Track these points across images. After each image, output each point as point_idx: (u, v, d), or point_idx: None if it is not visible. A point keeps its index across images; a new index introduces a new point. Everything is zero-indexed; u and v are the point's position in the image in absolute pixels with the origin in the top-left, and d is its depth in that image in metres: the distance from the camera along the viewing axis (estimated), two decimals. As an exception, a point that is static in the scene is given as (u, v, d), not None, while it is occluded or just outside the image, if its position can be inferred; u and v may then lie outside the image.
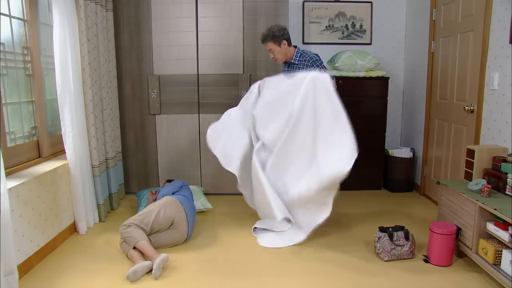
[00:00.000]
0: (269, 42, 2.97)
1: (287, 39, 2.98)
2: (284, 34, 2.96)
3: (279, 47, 2.97)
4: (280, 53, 3.00)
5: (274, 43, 2.96)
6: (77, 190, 2.99)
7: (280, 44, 2.96)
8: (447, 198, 2.74)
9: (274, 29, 2.94)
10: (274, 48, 2.98)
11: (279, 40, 2.94)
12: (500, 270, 2.20)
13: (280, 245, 2.81)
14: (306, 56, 2.99)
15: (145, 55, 3.81)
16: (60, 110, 2.86)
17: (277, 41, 2.95)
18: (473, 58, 3.14)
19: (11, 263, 2.10)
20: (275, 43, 2.96)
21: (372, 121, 4.11)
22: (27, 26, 2.72)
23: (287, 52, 3.01)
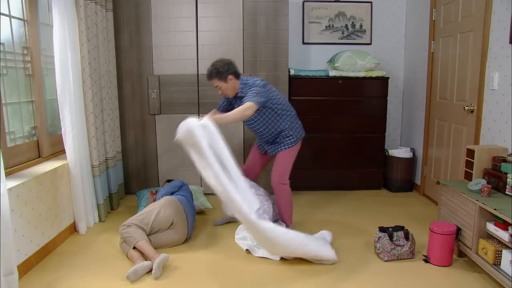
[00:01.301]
0: (214, 79, 2.78)
1: (234, 73, 2.78)
2: (229, 69, 2.76)
3: (225, 83, 2.78)
4: (228, 88, 2.81)
5: (220, 80, 2.77)
6: (77, 190, 2.99)
7: (226, 79, 2.77)
8: (447, 198, 2.74)
9: (218, 65, 2.76)
10: (221, 84, 2.79)
11: (225, 76, 2.75)
12: (500, 270, 2.20)
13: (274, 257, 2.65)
14: (246, 85, 2.81)
15: (145, 55, 3.81)
16: (60, 110, 2.86)
17: (222, 78, 2.76)
18: (473, 58, 3.14)
19: (11, 263, 2.09)
20: (220, 80, 2.77)
21: (372, 121, 4.11)
22: (27, 26, 2.72)
23: (236, 86, 2.82)
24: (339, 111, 4.07)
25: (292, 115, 2.94)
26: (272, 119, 2.86)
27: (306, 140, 4.10)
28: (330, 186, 4.22)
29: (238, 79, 2.82)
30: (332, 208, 3.69)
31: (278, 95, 2.88)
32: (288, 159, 2.95)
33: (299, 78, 4.00)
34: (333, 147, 4.13)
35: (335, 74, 4.02)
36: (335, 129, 4.10)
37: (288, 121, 2.89)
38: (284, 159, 2.94)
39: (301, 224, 3.27)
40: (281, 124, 2.88)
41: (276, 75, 3.87)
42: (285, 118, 2.88)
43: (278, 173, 2.94)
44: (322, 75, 4.02)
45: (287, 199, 3.01)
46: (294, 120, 2.94)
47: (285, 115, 2.89)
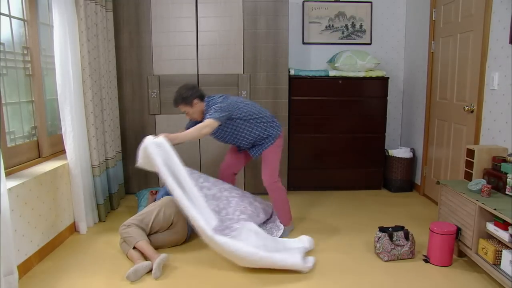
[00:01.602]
0: (180, 105, 2.83)
1: (198, 96, 2.83)
2: (194, 93, 2.80)
3: (192, 107, 2.82)
4: (195, 112, 2.85)
5: (186, 105, 2.82)
6: (77, 190, 2.99)
7: (192, 104, 2.81)
8: (447, 198, 2.74)
9: (182, 91, 2.80)
10: (188, 109, 2.84)
11: (190, 100, 2.80)
12: (500, 270, 2.20)
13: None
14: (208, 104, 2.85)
15: (145, 55, 3.81)
16: (61, 110, 2.86)
17: (188, 103, 2.80)
18: (473, 58, 3.14)
19: (11, 263, 2.09)
20: (187, 105, 2.81)
21: (372, 121, 4.11)
22: (27, 26, 2.72)
23: (202, 108, 2.86)
24: (339, 111, 4.07)
25: (265, 119, 2.92)
26: (244, 128, 2.87)
27: (306, 140, 4.12)
28: (330, 186, 4.22)
29: (203, 101, 2.85)
30: (332, 208, 3.69)
31: (245, 104, 2.89)
32: (274, 157, 2.95)
33: (299, 78, 4.00)
34: (333, 147, 4.13)
35: (335, 74, 4.02)
36: (335, 129, 4.10)
37: (261, 127, 2.90)
38: (270, 157, 2.94)
39: (301, 224, 3.27)
40: (255, 130, 2.89)
41: (276, 75, 3.87)
42: (258, 124, 2.89)
43: (267, 173, 2.94)
44: (322, 75, 4.02)
45: (282, 196, 3.02)
46: (268, 122, 2.93)
47: (257, 121, 2.89)
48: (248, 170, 3.99)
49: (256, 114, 2.89)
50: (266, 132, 2.91)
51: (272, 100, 3.90)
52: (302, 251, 2.55)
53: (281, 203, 3.02)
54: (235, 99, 2.89)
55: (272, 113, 3.90)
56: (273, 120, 2.96)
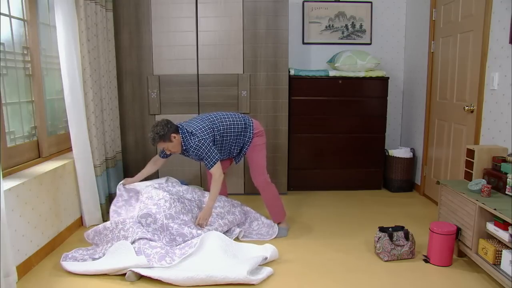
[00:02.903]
0: (159, 142, 2.77)
1: (174, 130, 2.78)
2: (170, 129, 2.76)
3: (171, 142, 2.78)
4: (175, 146, 2.81)
5: (164, 142, 2.77)
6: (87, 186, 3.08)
7: (170, 139, 2.77)
8: (447, 198, 2.74)
9: (157, 129, 2.73)
10: (167, 145, 2.79)
11: (167, 137, 2.75)
12: (500, 270, 2.20)
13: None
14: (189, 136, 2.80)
15: (145, 55, 3.81)
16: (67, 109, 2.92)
17: (166, 139, 2.75)
18: (473, 58, 3.14)
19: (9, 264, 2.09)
20: (165, 141, 2.77)
21: (372, 121, 4.11)
22: (27, 26, 2.72)
23: (179, 140, 2.81)
24: (339, 111, 4.07)
25: (242, 126, 2.93)
26: (227, 143, 2.93)
27: (306, 140, 4.12)
28: (330, 186, 4.22)
29: (178, 133, 2.81)
30: (331, 208, 3.69)
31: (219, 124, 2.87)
32: (258, 155, 2.97)
33: (299, 78, 4.00)
34: (333, 147, 4.13)
35: (335, 74, 4.02)
36: (335, 129, 4.10)
37: (241, 134, 2.93)
38: (254, 157, 2.97)
39: (301, 224, 3.27)
40: (238, 140, 2.95)
41: (276, 75, 3.87)
42: (238, 134, 2.92)
43: (256, 173, 2.97)
44: (322, 75, 4.02)
45: (274, 193, 3.02)
46: (246, 127, 2.94)
47: (237, 132, 2.92)
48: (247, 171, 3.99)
49: (233, 127, 2.90)
50: (241, 142, 2.96)
51: (272, 100, 3.91)
52: (256, 262, 2.41)
53: (273, 201, 3.02)
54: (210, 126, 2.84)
55: (272, 113, 3.92)
56: (248, 124, 2.95)
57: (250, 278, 2.29)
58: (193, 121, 2.90)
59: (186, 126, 2.83)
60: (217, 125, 2.87)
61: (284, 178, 4.04)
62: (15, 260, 2.29)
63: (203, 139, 2.76)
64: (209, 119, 2.89)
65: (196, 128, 2.81)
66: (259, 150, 2.97)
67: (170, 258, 2.45)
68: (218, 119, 2.90)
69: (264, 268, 2.45)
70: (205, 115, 2.95)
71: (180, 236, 2.68)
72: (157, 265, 2.36)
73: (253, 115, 3.92)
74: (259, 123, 3.04)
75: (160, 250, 2.47)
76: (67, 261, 2.50)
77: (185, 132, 2.81)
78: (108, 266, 2.38)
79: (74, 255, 2.57)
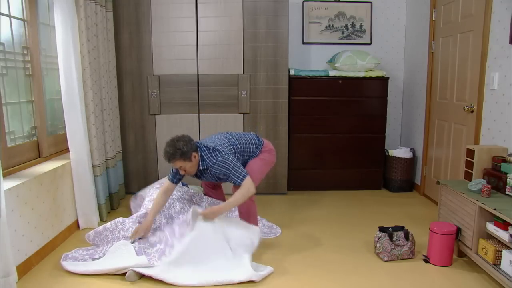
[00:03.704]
0: (177, 161, 2.50)
1: (196, 149, 2.54)
2: (192, 146, 2.51)
3: (190, 162, 2.52)
4: (192, 167, 2.55)
5: (184, 160, 2.50)
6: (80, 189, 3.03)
7: (191, 158, 2.51)
8: (447, 198, 2.74)
9: (179, 145, 2.46)
10: (185, 164, 2.52)
11: (189, 154, 2.49)
12: (500, 270, 2.20)
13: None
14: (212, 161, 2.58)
15: (145, 55, 3.81)
16: (65, 109, 2.90)
17: (187, 158, 2.49)
18: (473, 58, 3.14)
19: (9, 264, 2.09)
20: (185, 160, 2.49)
21: (372, 121, 4.11)
22: (27, 26, 2.72)
23: (198, 160, 2.58)
24: (339, 111, 4.07)
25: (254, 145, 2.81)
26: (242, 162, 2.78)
27: (306, 140, 4.12)
28: (330, 186, 4.22)
29: (197, 151, 2.57)
30: (331, 208, 3.69)
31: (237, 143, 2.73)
32: (257, 168, 2.79)
33: (299, 78, 4.00)
34: (333, 147, 4.13)
35: (335, 74, 4.02)
36: (335, 129, 4.10)
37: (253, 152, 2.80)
38: (253, 167, 2.77)
39: (301, 224, 3.27)
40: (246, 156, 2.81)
41: (276, 75, 3.87)
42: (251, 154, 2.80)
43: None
44: (322, 75, 4.02)
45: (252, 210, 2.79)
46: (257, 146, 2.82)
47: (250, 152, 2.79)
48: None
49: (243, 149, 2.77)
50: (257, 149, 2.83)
51: (272, 100, 3.91)
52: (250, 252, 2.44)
53: (247, 215, 2.78)
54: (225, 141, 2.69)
55: (272, 113, 3.93)
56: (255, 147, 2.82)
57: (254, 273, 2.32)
58: (210, 139, 2.73)
59: (204, 142, 2.63)
60: (235, 143, 2.71)
61: (284, 178, 4.04)
62: (15, 260, 2.29)
63: (226, 154, 2.55)
64: (226, 137, 2.73)
65: (217, 144, 2.62)
66: (260, 163, 2.81)
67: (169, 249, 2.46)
68: (234, 138, 2.75)
69: (265, 267, 2.46)
70: (220, 134, 2.80)
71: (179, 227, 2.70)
72: (157, 263, 2.36)
73: (253, 115, 3.92)
74: (269, 142, 2.93)
75: (159, 246, 2.47)
76: (67, 261, 2.50)
77: (204, 149, 2.57)
78: (108, 266, 2.38)
79: (74, 255, 2.57)
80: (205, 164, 2.57)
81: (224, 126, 3.92)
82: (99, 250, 2.65)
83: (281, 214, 3.49)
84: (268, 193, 4.00)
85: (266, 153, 2.85)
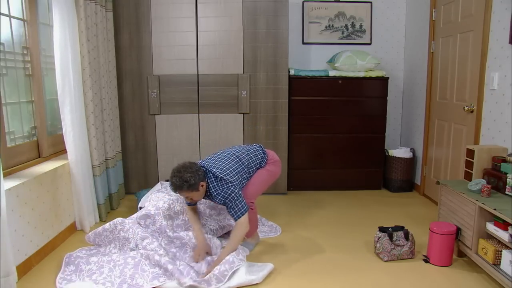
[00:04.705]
0: (184, 192, 2.43)
1: (203, 178, 2.44)
2: (200, 176, 2.41)
3: (198, 191, 2.44)
4: (199, 196, 2.48)
5: (192, 191, 2.42)
6: (79, 189, 3.00)
7: (198, 188, 2.43)
8: (447, 198, 2.74)
9: (186, 177, 2.36)
10: (193, 194, 2.45)
11: (196, 186, 2.40)
12: (500, 270, 2.20)
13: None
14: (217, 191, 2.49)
15: (145, 55, 3.81)
16: (61, 110, 2.87)
17: (194, 189, 2.41)
18: (473, 58, 3.14)
19: (9, 264, 2.09)
20: (193, 191, 2.42)
21: (372, 121, 4.11)
22: (27, 26, 2.72)
23: (205, 188, 2.50)
24: (339, 111, 4.07)
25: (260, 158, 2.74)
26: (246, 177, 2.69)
27: (306, 140, 4.12)
28: (330, 186, 4.22)
29: (205, 179, 2.49)
30: (332, 208, 3.69)
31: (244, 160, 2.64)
32: (261, 178, 2.73)
33: (299, 78, 4.00)
34: (333, 147, 4.13)
35: (335, 74, 4.02)
36: (335, 129, 4.10)
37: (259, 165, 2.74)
38: (257, 177, 2.72)
39: (301, 224, 3.27)
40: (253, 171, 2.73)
41: (276, 75, 3.87)
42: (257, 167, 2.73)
43: (247, 192, 2.66)
44: (322, 75, 4.02)
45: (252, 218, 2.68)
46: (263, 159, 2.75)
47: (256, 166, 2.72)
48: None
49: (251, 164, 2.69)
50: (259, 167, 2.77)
51: (272, 100, 3.91)
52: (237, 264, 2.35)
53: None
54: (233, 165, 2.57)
55: (272, 113, 3.92)
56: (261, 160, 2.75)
57: (251, 278, 2.30)
58: (219, 160, 2.59)
59: (212, 168, 2.51)
60: (243, 163, 2.63)
61: (284, 178, 4.04)
62: (15, 260, 2.29)
63: (232, 185, 2.46)
64: (235, 159, 2.62)
65: (223, 170, 2.50)
66: (265, 174, 2.75)
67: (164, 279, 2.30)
68: (242, 156, 2.66)
69: (265, 264, 2.46)
70: (226, 153, 2.66)
71: (178, 238, 2.68)
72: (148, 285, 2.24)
73: (253, 115, 3.92)
74: (274, 153, 2.86)
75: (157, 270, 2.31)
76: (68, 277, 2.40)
77: (211, 177, 2.49)
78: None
79: (78, 255, 2.55)
80: (210, 192, 2.51)
81: (224, 126, 3.92)
82: (102, 250, 2.64)
83: (281, 214, 3.50)
84: (268, 193, 4.00)
85: (272, 165, 2.80)
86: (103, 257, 2.45)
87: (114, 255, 2.44)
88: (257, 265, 2.46)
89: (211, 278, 2.24)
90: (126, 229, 2.62)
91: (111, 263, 2.38)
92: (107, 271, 2.33)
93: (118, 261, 2.38)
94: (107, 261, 2.40)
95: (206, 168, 2.51)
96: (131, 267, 2.32)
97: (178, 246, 2.65)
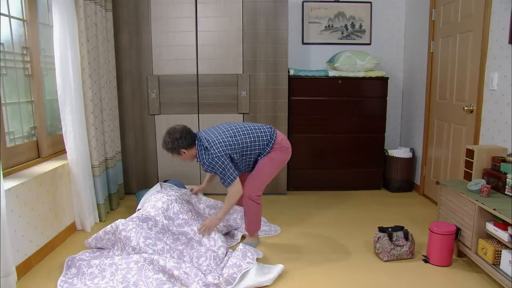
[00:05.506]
0: (169, 152, 2.67)
1: (184, 146, 2.60)
2: (179, 144, 2.58)
3: (179, 155, 2.65)
4: (186, 158, 2.67)
5: (173, 154, 2.66)
6: (79, 189, 3.00)
7: (180, 153, 2.63)
8: (446, 198, 2.74)
9: (166, 140, 2.61)
10: (176, 156, 2.69)
11: (177, 151, 2.62)
12: (499, 270, 2.20)
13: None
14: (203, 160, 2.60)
15: (144, 55, 3.81)
16: (61, 110, 2.87)
17: (175, 152, 2.63)
18: (472, 58, 3.15)
19: (8, 264, 2.09)
20: (173, 153, 2.66)
21: (372, 121, 4.11)
22: (27, 26, 2.72)
23: (193, 152, 2.65)
24: (339, 111, 4.07)
25: (265, 142, 2.68)
26: (246, 160, 2.71)
27: (306, 140, 4.12)
28: (330, 186, 4.22)
29: (193, 146, 2.63)
30: (331, 208, 3.69)
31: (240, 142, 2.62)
32: (266, 169, 2.70)
33: (298, 78, 4.00)
34: (333, 147, 4.13)
35: (334, 74, 4.02)
36: (335, 129, 4.10)
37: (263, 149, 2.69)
38: (261, 168, 2.71)
39: (301, 223, 3.27)
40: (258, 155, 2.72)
41: (275, 75, 3.88)
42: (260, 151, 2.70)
43: (252, 184, 2.69)
44: (322, 75, 4.02)
45: (256, 212, 2.75)
46: (268, 143, 2.69)
47: (258, 149, 2.69)
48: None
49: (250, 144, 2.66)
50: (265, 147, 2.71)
51: (272, 100, 3.91)
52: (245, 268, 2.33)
53: (252, 217, 2.76)
54: (224, 138, 2.60)
55: (272, 113, 3.92)
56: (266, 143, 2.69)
57: (261, 280, 2.28)
58: (214, 131, 2.67)
59: (205, 136, 2.63)
60: (238, 142, 2.62)
61: (284, 178, 4.05)
62: (15, 260, 2.29)
63: (217, 156, 2.54)
64: (231, 133, 2.63)
65: (212, 141, 2.58)
66: (269, 164, 2.70)
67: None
68: (241, 133, 2.65)
69: (275, 266, 2.42)
70: (228, 126, 2.71)
71: (182, 234, 2.67)
72: None
73: (253, 115, 3.92)
74: (284, 138, 2.77)
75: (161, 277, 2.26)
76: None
77: (201, 145, 2.62)
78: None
79: (81, 257, 2.51)
80: (200, 158, 2.64)
81: (223, 126, 3.92)
82: (106, 253, 2.61)
83: (281, 214, 3.50)
84: (268, 193, 4.00)
85: (277, 151, 2.71)
86: (105, 260, 2.42)
87: (116, 258, 2.41)
88: (267, 267, 2.44)
89: (220, 282, 2.23)
90: (128, 229, 2.58)
91: (113, 266, 2.35)
92: (109, 275, 2.30)
93: (121, 265, 2.35)
94: (109, 264, 2.37)
95: (201, 136, 2.67)
96: (135, 273, 2.28)
97: (184, 243, 2.63)
